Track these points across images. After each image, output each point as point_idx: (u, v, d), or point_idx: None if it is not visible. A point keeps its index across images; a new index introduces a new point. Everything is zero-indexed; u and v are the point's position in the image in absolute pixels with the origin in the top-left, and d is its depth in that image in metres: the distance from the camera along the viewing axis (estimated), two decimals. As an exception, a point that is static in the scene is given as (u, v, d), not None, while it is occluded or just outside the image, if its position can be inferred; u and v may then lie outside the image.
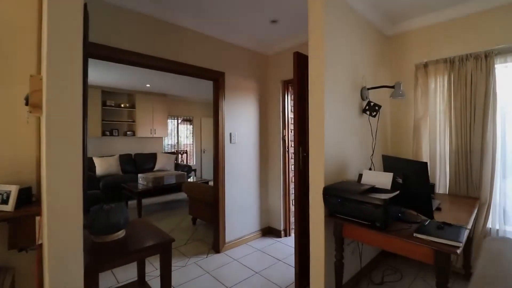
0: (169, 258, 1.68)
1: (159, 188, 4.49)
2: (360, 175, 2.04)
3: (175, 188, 4.68)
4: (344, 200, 1.73)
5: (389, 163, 2.04)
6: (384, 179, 1.89)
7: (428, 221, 1.68)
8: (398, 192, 1.70)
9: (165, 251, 1.67)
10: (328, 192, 1.82)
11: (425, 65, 2.57)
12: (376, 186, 1.83)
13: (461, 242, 1.36)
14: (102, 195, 5.03)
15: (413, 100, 2.68)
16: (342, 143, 2.12)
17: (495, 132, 2.24)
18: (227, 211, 3.08)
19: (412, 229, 1.61)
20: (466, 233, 1.52)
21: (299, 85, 2.18)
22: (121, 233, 1.71)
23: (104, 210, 1.73)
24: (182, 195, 5.64)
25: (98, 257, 1.47)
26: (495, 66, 2.22)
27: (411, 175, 1.71)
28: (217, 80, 2.99)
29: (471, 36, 2.35)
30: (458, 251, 1.34)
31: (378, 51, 2.65)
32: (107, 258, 1.49)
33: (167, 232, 1.83)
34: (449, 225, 1.57)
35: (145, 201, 5.27)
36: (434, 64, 2.52)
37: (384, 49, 2.78)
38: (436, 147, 2.55)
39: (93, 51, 1.97)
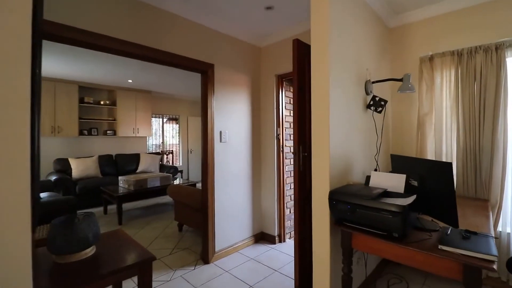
0: (149, 281, 1.39)
1: (142, 191, 4.14)
2: (368, 177, 1.83)
3: (160, 191, 4.34)
4: (355, 206, 1.50)
5: (399, 164, 1.84)
6: (396, 182, 1.69)
7: (449, 229, 1.48)
8: (415, 196, 1.50)
9: (144, 272, 1.38)
10: (336, 197, 1.60)
11: (431, 58, 2.40)
12: (388, 190, 1.63)
13: (495, 256, 1.17)
14: (78, 200, 4.61)
15: (417, 96, 2.51)
16: (347, 142, 1.90)
17: (506, 129, 2.10)
18: (216, 216, 2.80)
19: (433, 239, 1.41)
20: (494, 244, 1.33)
21: (299, 76, 1.95)
22: (90, 251, 1.41)
23: (69, 222, 1.42)
24: (168, 199, 5.30)
25: (60, 282, 1.17)
26: (506, 59, 2.07)
27: (430, 177, 1.51)
28: (206, 72, 2.71)
29: (480, 27, 2.19)
30: (495, 266, 1.14)
31: (380, 42, 2.47)
32: (71, 284, 1.19)
33: (150, 241, 1.55)
34: (474, 233, 1.38)
35: (127, 206, 4.89)
36: (440, 57, 2.35)
37: (386, 42, 2.60)
38: (442, 146, 2.39)
39: (54, 32, 1.64)
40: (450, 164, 1.36)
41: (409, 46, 2.56)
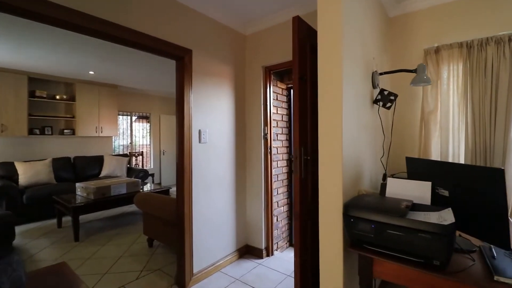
0: None
1: (104, 200, 3.54)
2: (383, 185, 1.52)
3: (126, 199, 3.76)
4: (382, 226, 1.17)
5: (417, 168, 1.55)
6: (420, 191, 1.40)
7: (490, 248, 1.21)
8: (450, 210, 1.20)
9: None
10: (354, 213, 1.26)
11: (437, 50, 2.18)
12: (415, 202, 1.33)
13: None
14: (23, 214, 3.88)
15: (420, 92, 2.28)
16: (357, 142, 1.58)
17: (519, 128, 1.92)
18: (195, 230, 2.36)
19: (478, 265, 1.12)
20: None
21: (300, 62, 1.59)
22: (4, 310, 0.93)
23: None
24: (136, 207, 4.70)
25: None
26: (521, 51, 1.89)
27: (469, 186, 1.22)
28: (182, 59, 2.26)
29: (491, 16, 2.00)
30: None
31: (382, 32, 2.20)
32: None
33: (113, 261, 1.13)
34: (524, 255, 1.12)
35: (87, 217, 4.23)
36: (447, 49, 2.13)
37: (386, 32, 2.34)
38: (448, 146, 2.17)
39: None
40: (502, 171, 1.08)
41: (412, 37, 2.33)
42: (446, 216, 1.15)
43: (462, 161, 2.13)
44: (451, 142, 2.17)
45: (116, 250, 3.02)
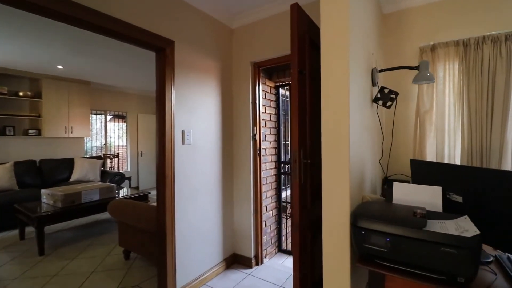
0: None
1: (73, 208, 3.18)
2: (389, 190, 1.39)
3: (99, 206, 3.42)
4: (399, 239, 1.03)
5: (423, 172, 1.45)
6: (430, 197, 1.28)
7: (507, 257, 1.12)
8: (465, 217, 1.09)
9: None
10: (364, 224, 1.11)
11: (432, 49, 2.12)
12: (428, 209, 1.21)
13: None
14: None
15: (415, 90, 2.21)
16: (361, 143, 1.45)
17: (515, 129, 1.89)
18: (178, 240, 2.13)
19: (500, 278, 1.02)
20: None
21: (299, 55, 1.43)
22: None
23: None
24: (112, 213, 4.34)
25: None
26: (517, 50, 1.86)
27: (487, 191, 1.12)
28: (163, 50, 2.02)
29: (489, 14, 1.96)
30: None
31: (377, 29, 2.10)
32: None
33: (84, 278, 1.15)
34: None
35: (55, 226, 3.82)
36: (443, 47, 2.08)
37: (381, 29, 2.25)
38: (444, 147, 2.12)
39: None
40: (528, 175, 0.98)
41: (408, 34, 2.25)
42: (466, 226, 1.03)
43: (458, 162, 2.08)
44: (446, 143, 2.12)
45: (88, 264, 2.70)
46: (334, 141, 1.24)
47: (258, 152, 2.62)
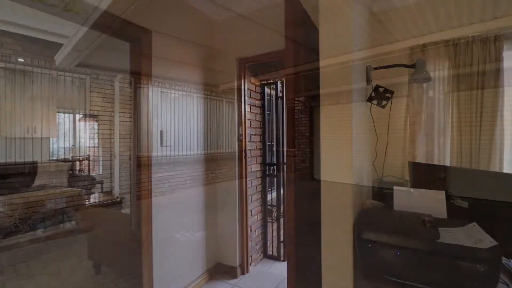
0: None
1: (34, 218, 2.83)
2: (389, 196, 1.30)
3: (66, 214, 3.07)
4: (411, 253, 0.93)
5: (424, 176, 1.38)
6: (432, 202, 1.20)
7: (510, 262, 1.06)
8: (474, 224, 1.02)
9: None
10: (370, 236, 1.00)
11: (422, 48, 2.08)
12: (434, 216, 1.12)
13: None
14: None
15: (404, 90, 2.17)
16: (359, 144, 1.35)
17: (503, 129, 1.89)
18: (155, 252, 1.92)
19: (516, 291, 0.94)
20: None
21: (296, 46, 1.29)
22: None
23: None
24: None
25: None
26: (504, 52, 1.87)
27: (496, 196, 1.05)
28: (139, 41, 1.81)
29: (477, 15, 1.95)
30: None
31: (368, 26, 2.04)
32: None
33: None
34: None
35: (12, 240, 3.38)
36: (433, 46, 2.05)
37: (369, 27, 2.19)
38: (434, 148, 2.09)
39: None
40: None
41: (396, 33, 2.21)
42: (478, 235, 0.95)
43: (447, 163, 2.06)
44: (436, 144, 2.09)
45: (51, 281, 2.38)
46: (334, 142, 1.12)
47: (243, 154, 2.46)
